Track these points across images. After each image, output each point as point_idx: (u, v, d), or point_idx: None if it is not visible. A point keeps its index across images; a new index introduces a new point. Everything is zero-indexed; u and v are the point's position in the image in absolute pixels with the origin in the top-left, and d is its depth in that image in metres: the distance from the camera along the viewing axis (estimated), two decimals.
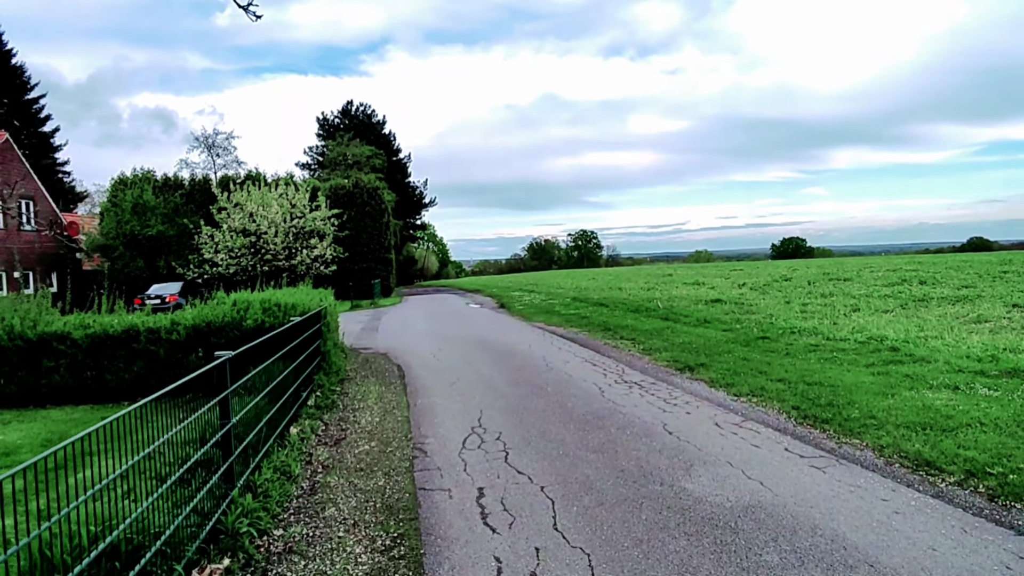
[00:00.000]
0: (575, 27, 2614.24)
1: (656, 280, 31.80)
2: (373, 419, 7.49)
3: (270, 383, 6.64)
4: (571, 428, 6.60)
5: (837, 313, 14.73)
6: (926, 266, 29.91)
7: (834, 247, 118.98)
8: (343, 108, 61.56)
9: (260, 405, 6.17)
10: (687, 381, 8.88)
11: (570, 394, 8.24)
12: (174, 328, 9.04)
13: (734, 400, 7.64)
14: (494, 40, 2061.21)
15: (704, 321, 14.87)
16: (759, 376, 8.66)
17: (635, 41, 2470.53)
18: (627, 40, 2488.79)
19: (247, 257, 31.64)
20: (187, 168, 49.44)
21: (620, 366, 10.29)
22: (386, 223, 37.73)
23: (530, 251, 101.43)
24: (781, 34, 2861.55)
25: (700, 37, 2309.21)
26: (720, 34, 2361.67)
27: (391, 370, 10.89)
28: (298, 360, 7.65)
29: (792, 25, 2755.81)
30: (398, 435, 6.75)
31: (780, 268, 37.46)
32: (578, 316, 18.32)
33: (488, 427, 6.81)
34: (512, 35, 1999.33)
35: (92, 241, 34.39)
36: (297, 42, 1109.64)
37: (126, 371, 9.05)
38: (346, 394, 8.99)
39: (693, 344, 11.86)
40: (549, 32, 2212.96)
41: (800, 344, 11.10)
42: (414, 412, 7.71)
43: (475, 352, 12.35)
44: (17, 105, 48.18)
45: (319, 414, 7.56)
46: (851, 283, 23.18)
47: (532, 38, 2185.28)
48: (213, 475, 4.46)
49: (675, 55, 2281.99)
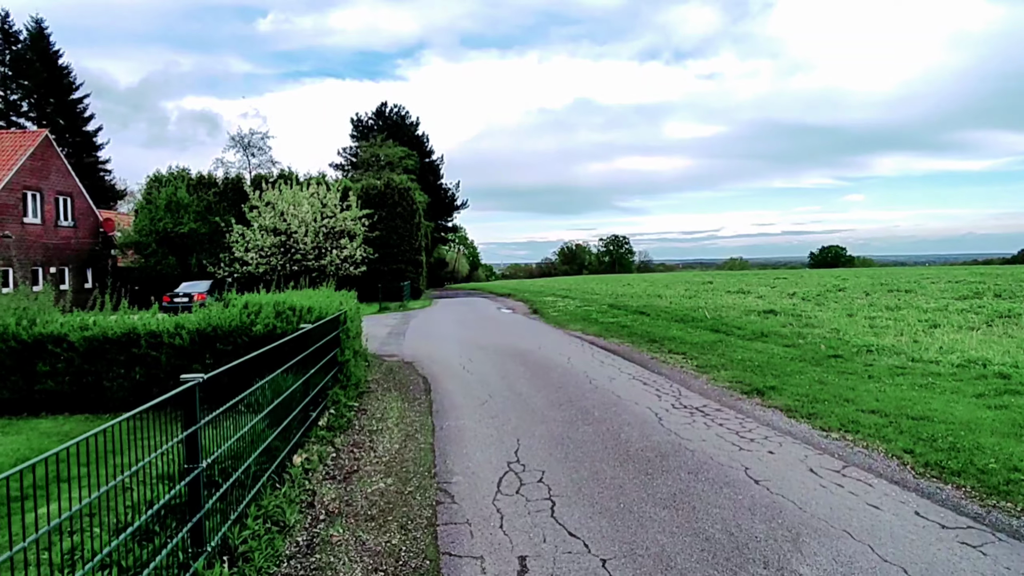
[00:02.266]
0: (610, 31, 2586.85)
1: (696, 287, 30.25)
2: (392, 445, 6.41)
3: (275, 400, 5.63)
4: (630, 469, 5.41)
5: (913, 329, 13.16)
6: (992, 277, 27.72)
7: (875, 256, 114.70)
8: (377, 109, 61.31)
9: (257, 430, 5.15)
10: (758, 408, 7.59)
11: (622, 421, 7.03)
12: (177, 332, 8.14)
13: (823, 436, 6.33)
14: (529, 45, 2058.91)
15: (761, 335, 13.46)
16: (845, 405, 7.32)
17: (671, 45, 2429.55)
18: (663, 44, 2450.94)
19: (277, 256, 31.20)
20: (222, 167, 49.84)
21: (675, 386, 9.03)
22: (417, 224, 36.94)
23: (561, 255, 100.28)
24: (822, 38, 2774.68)
25: (738, 41, 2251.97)
26: (759, 38, 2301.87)
27: (416, 383, 9.84)
28: (309, 373, 6.64)
29: (834, 29, 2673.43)
30: (420, 468, 5.65)
31: (827, 277, 35.45)
32: (618, 325, 17.05)
33: (528, 463, 5.66)
34: (547, 39, 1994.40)
35: (126, 237, 34.43)
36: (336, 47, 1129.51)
37: (125, 378, 8.19)
38: (364, 411, 7.94)
39: (754, 361, 10.52)
40: (584, 36, 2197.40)
41: (882, 365, 9.67)
42: (439, 437, 6.61)
43: (509, 364, 11.21)
44: (63, 104, 49.06)
45: (331, 436, 6.52)
46: (914, 295, 21.37)
47: (567, 42, 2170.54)
48: (177, 533, 3.43)
49: (712, 59, 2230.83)
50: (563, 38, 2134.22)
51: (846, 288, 25.44)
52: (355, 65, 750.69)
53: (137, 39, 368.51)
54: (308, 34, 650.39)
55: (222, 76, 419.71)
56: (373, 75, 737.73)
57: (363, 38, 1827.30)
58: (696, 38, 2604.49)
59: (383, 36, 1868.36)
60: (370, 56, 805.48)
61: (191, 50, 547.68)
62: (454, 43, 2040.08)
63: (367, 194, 35.11)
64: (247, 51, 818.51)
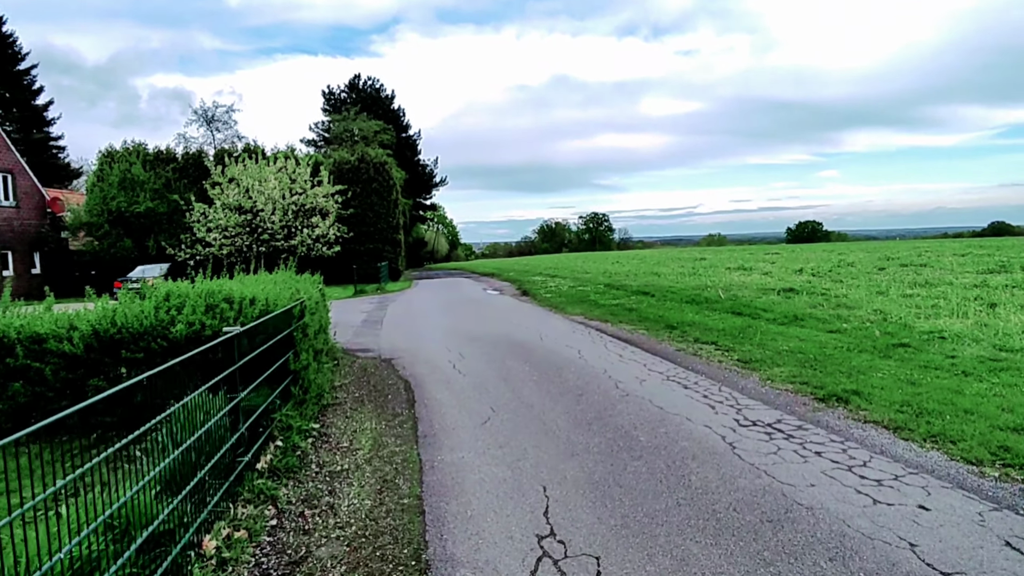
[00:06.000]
0: (588, 6, 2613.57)
1: (692, 265, 28.49)
2: (362, 501, 4.42)
3: (194, 435, 3.64)
4: (728, 544, 3.51)
5: (969, 309, 11.47)
6: (1004, 250, 26.42)
7: (850, 231, 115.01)
8: (350, 82, 58.13)
9: (140, 506, 3.19)
10: (852, 424, 5.73)
11: (681, 451, 5.12)
12: (68, 336, 6.00)
13: (975, 473, 4.48)
14: (506, 19, 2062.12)
15: (795, 318, 11.67)
16: (969, 419, 5.50)
17: (649, 20, 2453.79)
18: (641, 19, 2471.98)
19: (243, 237, 28.72)
20: (184, 143, 46.62)
21: (724, 389, 7.16)
22: (395, 201, 34.54)
23: (541, 234, 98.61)
24: (799, 14, 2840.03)
25: (716, 16, 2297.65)
26: (736, 13, 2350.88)
27: (396, 390, 7.83)
28: (241, 395, 4.61)
29: (811, 5, 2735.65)
30: (403, 551, 3.68)
31: (823, 252, 33.94)
32: (623, 308, 15.17)
33: (568, 536, 3.72)
34: (524, 14, 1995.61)
35: (76, 218, 31.56)
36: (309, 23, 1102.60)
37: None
38: (326, 437, 5.92)
39: (806, 353, 8.70)
40: (562, 11, 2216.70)
41: (967, 357, 7.92)
42: (430, 485, 4.63)
43: (509, 360, 9.25)
44: (6, 76, 45.29)
45: (272, 488, 4.50)
46: (931, 269, 19.82)
47: (545, 17, 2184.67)
48: None
49: (690, 35, 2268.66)
50: (541, 13, 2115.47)
51: (854, 263, 23.87)
52: (328, 41, 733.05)
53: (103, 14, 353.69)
54: (279, 8, 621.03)
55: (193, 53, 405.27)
56: (347, 51, 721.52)
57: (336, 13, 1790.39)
58: (674, 13, 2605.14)
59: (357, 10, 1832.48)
60: (344, 31, 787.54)
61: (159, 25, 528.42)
62: (430, 17, 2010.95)
63: (340, 169, 32.60)
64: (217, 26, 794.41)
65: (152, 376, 3.49)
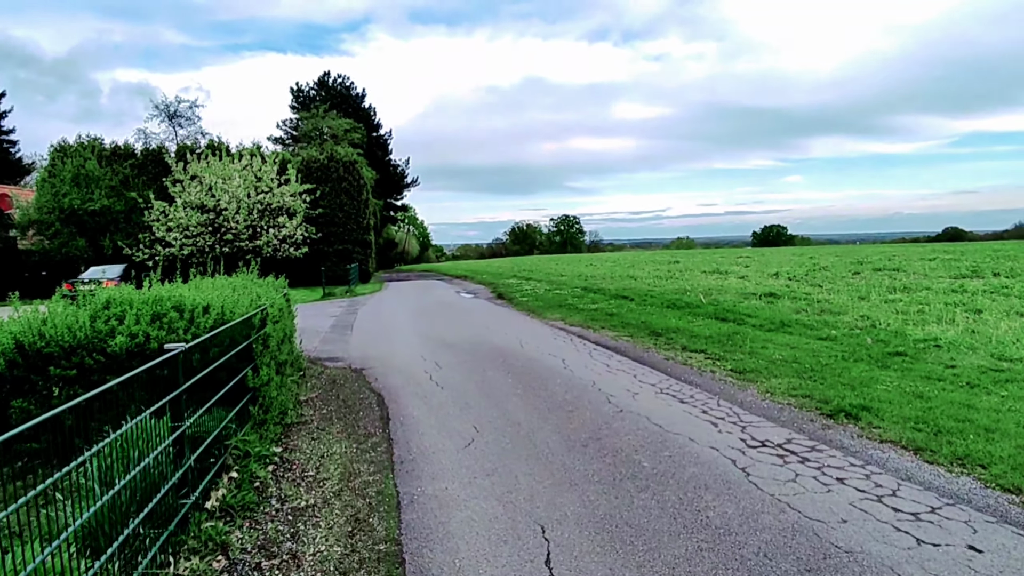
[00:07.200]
0: (560, 10, 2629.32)
1: (667, 268, 28.30)
2: (330, 547, 3.77)
3: (121, 481, 2.98)
4: None
5: (954, 315, 11.30)
6: (968, 255, 26.84)
7: (812, 235, 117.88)
8: (319, 79, 56.65)
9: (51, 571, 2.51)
10: (866, 443, 5.30)
11: (691, 478, 4.60)
12: None
13: (1018, 504, 4.06)
14: (478, 21, 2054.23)
15: (782, 325, 11.35)
16: (990, 437, 5.12)
17: (620, 25, 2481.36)
18: (612, 24, 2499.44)
19: (205, 236, 27.49)
20: (144, 139, 44.73)
21: (723, 404, 6.69)
22: (365, 201, 33.59)
23: (512, 236, 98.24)
24: (766, 21, 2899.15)
25: (685, 23, 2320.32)
26: (705, 20, 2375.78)
27: (368, 405, 7.16)
28: (188, 422, 3.94)
29: (778, 13, 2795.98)
30: None
31: (793, 255, 34.14)
32: (602, 312, 14.72)
33: None
34: (496, 16, 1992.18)
35: (25, 216, 29.83)
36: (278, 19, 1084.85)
37: None
38: (289, 464, 5.24)
39: (801, 363, 8.32)
40: (534, 14, 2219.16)
41: (967, 367, 7.63)
42: (410, 526, 4.02)
43: (490, 370, 8.65)
44: None
45: (223, 533, 3.82)
46: (904, 273, 19.88)
47: (517, 20, 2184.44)
48: None
49: (659, 40, 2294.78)
50: (513, 16, 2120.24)
51: (828, 267, 23.92)
52: (298, 39, 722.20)
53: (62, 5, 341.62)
54: (248, 3, 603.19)
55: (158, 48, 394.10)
56: (317, 49, 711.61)
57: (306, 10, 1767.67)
58: (644, 18, 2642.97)
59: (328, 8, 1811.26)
60: (314, 29, 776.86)
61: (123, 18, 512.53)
62: (401, 18, 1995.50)
63: (308, 167, 31.53)
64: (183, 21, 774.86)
65: (91, 398, 2.85)
